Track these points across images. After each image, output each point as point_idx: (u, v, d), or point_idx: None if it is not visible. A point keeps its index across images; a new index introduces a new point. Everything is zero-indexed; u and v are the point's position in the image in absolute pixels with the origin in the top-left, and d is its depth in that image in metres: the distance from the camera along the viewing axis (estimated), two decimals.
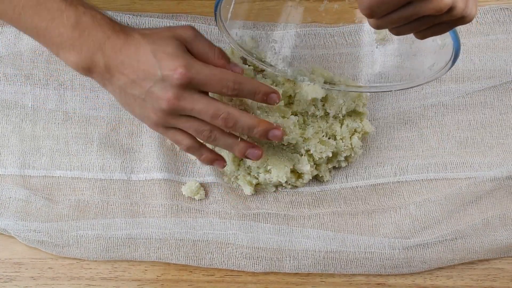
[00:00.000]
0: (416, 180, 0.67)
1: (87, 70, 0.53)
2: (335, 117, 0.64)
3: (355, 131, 0.65)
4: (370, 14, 0.44)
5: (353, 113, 0.65)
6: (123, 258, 0.63)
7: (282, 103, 0.62)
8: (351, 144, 0.64)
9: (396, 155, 0.68)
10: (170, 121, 0.54)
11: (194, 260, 0.63)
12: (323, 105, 0.64)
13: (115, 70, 0.52)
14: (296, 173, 0.65)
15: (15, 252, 0.64)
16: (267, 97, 0.55)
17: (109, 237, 0.63)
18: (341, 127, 0.64)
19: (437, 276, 0.63)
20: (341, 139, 0.64)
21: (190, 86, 0.52)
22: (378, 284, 0.63)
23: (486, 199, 0.65)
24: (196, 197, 0.66)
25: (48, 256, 0.64)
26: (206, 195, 0.66)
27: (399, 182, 0.67)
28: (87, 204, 0.65)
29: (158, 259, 0.63)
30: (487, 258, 0.64)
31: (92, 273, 0.63)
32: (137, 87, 0.53)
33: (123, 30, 0.54)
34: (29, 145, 0.67)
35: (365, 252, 0.63)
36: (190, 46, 0.55)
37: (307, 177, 0.65)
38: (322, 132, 0.64)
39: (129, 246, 0.63)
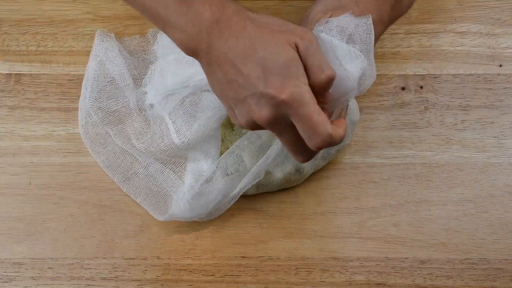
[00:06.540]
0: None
1: (193, 51, 0.48)
2: None
3: None
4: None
5: None
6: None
7: None
8: None
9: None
10: (252, 129, 0.50)
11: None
12: None
13: (216, 60, 0.47)
14: (296, 173, 0.65)
15: (15, 252, 0.64)
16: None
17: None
18: None
19: (437, 276, 0.63)
20: None
21: (285, 111, 0.46)
22: (378, 284, 0.63)
23: None
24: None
25: (48, 256, 0.64)
26: None
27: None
28: None
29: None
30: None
31: (92, 273, 0.63)
32: (232, 90, 0.47)
33: (237, 13, 0.47)
34: None
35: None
36: (303, 56, 0.47)
37: (307, 176, 0.65)
38: None
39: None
